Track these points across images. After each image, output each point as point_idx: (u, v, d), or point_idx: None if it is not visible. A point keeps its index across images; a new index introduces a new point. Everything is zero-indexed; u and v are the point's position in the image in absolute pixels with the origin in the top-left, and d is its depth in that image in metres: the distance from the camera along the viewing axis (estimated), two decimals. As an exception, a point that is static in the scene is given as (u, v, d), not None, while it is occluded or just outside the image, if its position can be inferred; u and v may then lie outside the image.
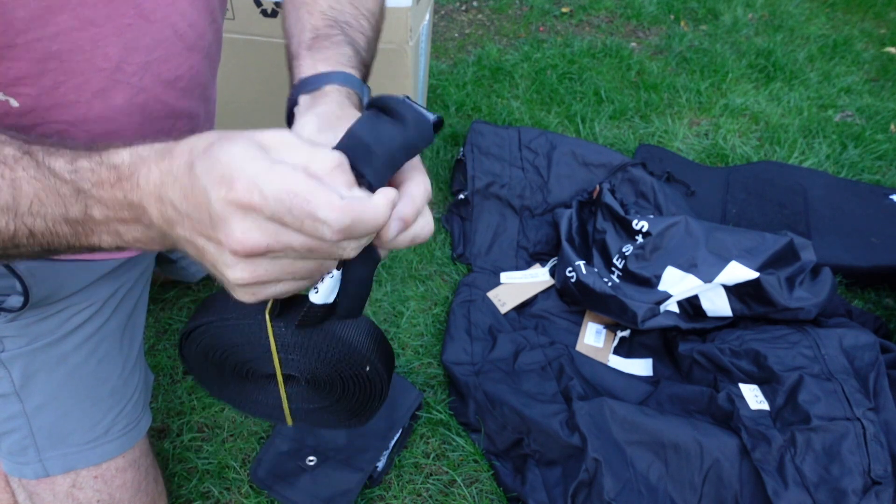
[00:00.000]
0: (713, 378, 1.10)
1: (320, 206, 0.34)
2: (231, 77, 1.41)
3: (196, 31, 0.65)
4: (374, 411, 0.59)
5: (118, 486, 0.81)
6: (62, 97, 0.56)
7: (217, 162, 0.35)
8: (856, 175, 1.67)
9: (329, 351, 0.51)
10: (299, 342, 0.51)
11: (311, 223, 0.35)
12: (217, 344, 0.54)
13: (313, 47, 0.61)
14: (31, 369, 0.74)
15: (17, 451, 0.77)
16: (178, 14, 0.62)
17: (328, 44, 0.61)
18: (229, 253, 0.36)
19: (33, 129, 0.57)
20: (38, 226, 0.43)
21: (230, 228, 0.35)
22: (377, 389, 0.55)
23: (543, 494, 0.99)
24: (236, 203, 0.34)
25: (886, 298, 1.36)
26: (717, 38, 2.23)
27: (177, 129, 0.68)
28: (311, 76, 0.57)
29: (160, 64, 0.62)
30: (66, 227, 0.43)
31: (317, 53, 0.60)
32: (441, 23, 2.30)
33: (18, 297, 0.68)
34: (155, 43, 0.60)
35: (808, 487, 0.90)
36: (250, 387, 0.60)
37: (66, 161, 0.42)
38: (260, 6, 1.30)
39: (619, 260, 1.26)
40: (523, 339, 1.21)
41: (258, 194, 0.34)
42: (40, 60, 0.53)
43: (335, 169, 0.37)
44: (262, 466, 1.02)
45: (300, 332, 0.50)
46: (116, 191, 0.40)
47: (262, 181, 0.34)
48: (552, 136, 1.55)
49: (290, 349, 0.52)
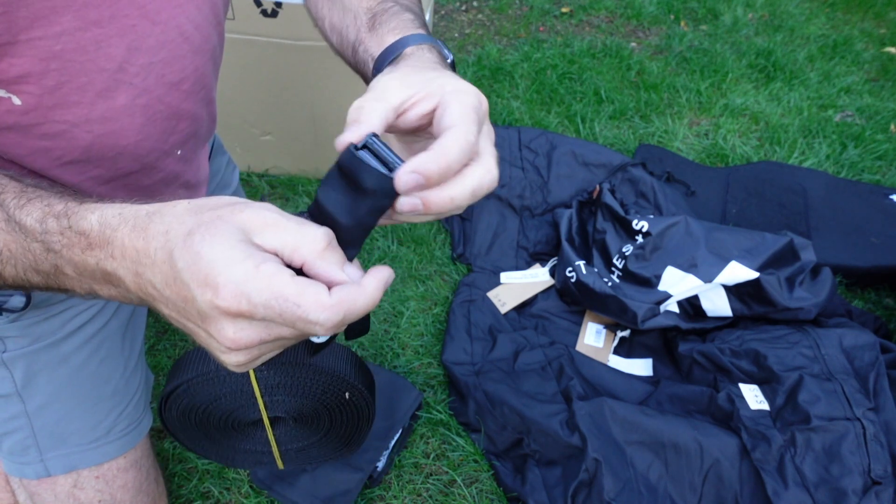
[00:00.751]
0: (713, 378, 1.10)
1: (310, 309, 0.34)
2: (231, 77, 1.41)
3: (202, 33, 0.65)
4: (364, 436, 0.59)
5: (119, 486, 0.81)
6: (65, 97, 0.56)
7: (199, 260, 0.34)
8: (856, 175, 1.67)
9: (312, 383, 0.52)
10: (282, 381, 0.51)
11: (303, 324, 0.34)
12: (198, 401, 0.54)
13: (375, 26, 0.59)
14: (32, 370, 0.74)
15: (19, 451, 0.77)
16: (184, 16, 0.61)
17: (387, 17, 0.59)
18: (223, 345, 0.36)
19: (35, 127, 0.57)
20: (9, 272, 0.43)
21: (221, 328, 0.35)
22: (363, 413, 0.55)
23: (543, 494, 0.99)
24: (224, 310, 0.34)
25: (886, 298, 1.36)
26: (717, 38, 2.23)
27: (178, 131, 0.68)
28: (384, 50, 0.56)
29: (164, 66, 0.61)
30: (37, 277, 0.43)
31: (381, 28, 0.58)
32: (441, 23, 2.30)
33: (20, 298, 0.68)
34: (159, 45, 0.60)
35: (808, 487, 0.90)
36: (237, 437, 0.60)
37: (36, 220, 0.41)
38: (260, 6, 1.30)
39: (619, 260, 1.26)
40: (523, 339, 1.21)
41: (246, 302, 0.33)
42: (43, 59, 0.53)
43: (325, 250, 0.36)
44: (263, 467, 1.02)
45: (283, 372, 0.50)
46: (88, 257, 0.40)
47: (249, 289, 0.33)
48: (552, 136, 1.55)
49: (274, 390, 0.52)
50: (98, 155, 0.62)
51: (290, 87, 1.41)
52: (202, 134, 0.75)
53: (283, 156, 1.57)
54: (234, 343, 0.35)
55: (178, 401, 0.53)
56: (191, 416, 0.55)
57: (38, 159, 0.59)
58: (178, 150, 0.70)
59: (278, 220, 0.36)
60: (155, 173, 0.69)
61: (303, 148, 1.54)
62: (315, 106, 1.44)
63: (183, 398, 0.53)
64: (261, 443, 0.60)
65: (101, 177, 0.64)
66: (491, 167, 0.39)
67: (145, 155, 0.66)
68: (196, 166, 0.78)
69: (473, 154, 0.39)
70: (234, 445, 0.61)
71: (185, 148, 0.71)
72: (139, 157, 0.65)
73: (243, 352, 0.37)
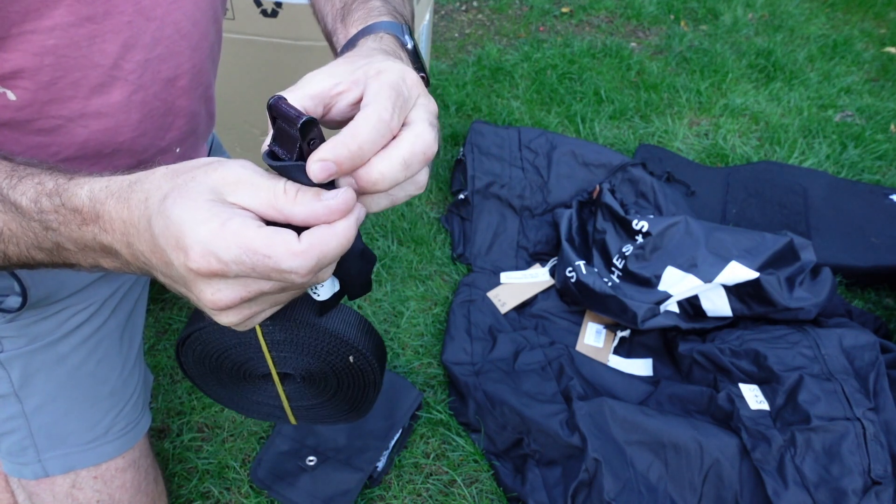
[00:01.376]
0: (713, 378, 1.10)
1: (281, 258, 0.33)
2: (231, 77, 1.41)
3: (199, 29, 0.65)
4: (371, 402, 0.59)
5: (118, 486, 0.81)
6: (60, 92, 0.56)
7: (170, 223, 0.34)
8: (856, 175, 1.67)
9: (317, 344, 0.51)
10: (288, 338, 0.51)
11: (278, 274, 0.34)
12: (211, 349, 0.54)
13: (345, 17, 0.59)
14: (30, 370, 0.74)
15: (17, 451, 0.77)
16: (181, 12, 0.61)
17: (356, 5, 0.59)
18: (206, 307, 0.36)
19: (31, 123, 0.57)
20: (12, 251, 0.43)
21: (200, 291, 0.35)
22: (370, 379, 0.55)
23: (543, 494, 0.99)
24: (196, 272, 0.33)
25: (886, 298, 1.36)
26: (717, 38, 2.23)
27: (176, 127, 0.68)
28: (346, 43, 0.55)
29: (160, 62, 0.61)
30: (41, 254, 0.43)
31: (348, 18, 0.58)
32: (441, 23, 2.30)
33: (17, 298, 0.68)
34: (155, 41, 0.60)
35: (808, 487, 0.90)
36: (249, 389, 0.60)
37: (30, 200, 0.41)
38: (260, 6, 1.30)
39: (619, 260, 1.26)
40: (523, 339, 1.20)
41: (216, 261, 0.33)
42: (37, 54, 0.52)
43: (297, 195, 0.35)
44: (262, 466, 1.02)
45: (288, 329, 0.50)
46: (85, 232, 0.40)
47: (216, 246, 0.32)
48: (552, 136, 1.55)
49: (280, 346, 0.52)
50: (94, 151, 0.62)
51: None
52: (200, 131, 0.75)
53: (282, 156, 1.56)
54: (214, 304, 0.35)
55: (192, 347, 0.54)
56: (205, 363, 0.56)
57: (35, 155, 0.59)
58: (176, 147, 0.70)
59: (251, 177, 0.35)
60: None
61: (302, 148, 1.53)
62: (315, 106, 1.44)
63: (196, 345, 0.54)
64: (272, 397, 0.60)
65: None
66: (420, 132, 0.37)
67: (142, 151, 0.65)
68: None
69: (393, 130, 0.37)
70: (247, 396, 0.61)
71: (183, 145, 0.71)
72: (136, 154, 0.65)
73: (232, 311, 0.36)
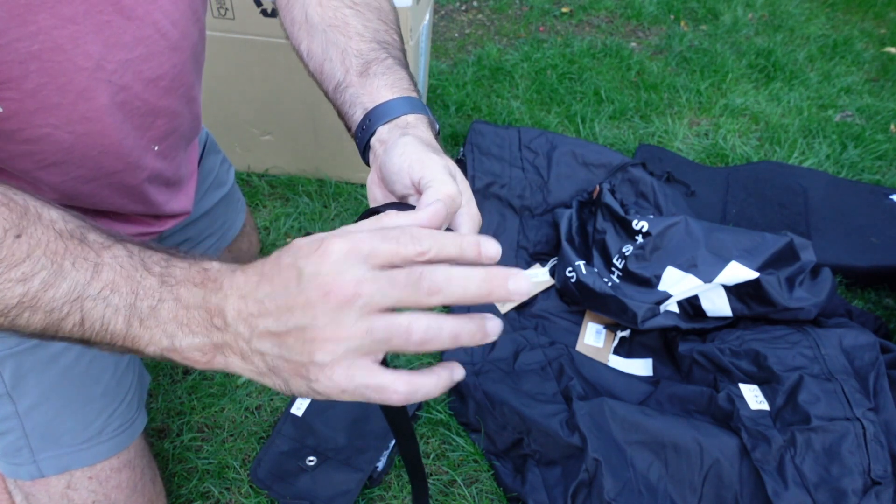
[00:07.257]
0: (713, 378, 1.09)
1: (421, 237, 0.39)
2: (231, 77, 1.41)
3: (179, 30, 0.64)
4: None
5: (113, 486, 0.81)
6: (46, 99, 0.55)
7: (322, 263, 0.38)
8: (856, 175, 1.67)
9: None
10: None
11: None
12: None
13: (367, 73, 0.58)
14: (21, 370, 0.73)
15: (12, 452, 0.77)
16: (160, 12, 0.61)
17: (382, 68, 0.59)
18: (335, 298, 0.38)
19: (18, 133, 0.56)
20: (94, 313, 0.41)
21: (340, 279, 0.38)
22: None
23: (543, 494, 0.99)
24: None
25: (886, 298, 1.36)
26: (717, 38, 2.23)
27: (155, 127, 0.68)
28: (380, 106, 0.56)
29: (141, 62, 0.61)
30: (120, 321, 0.41)
31: (375, 80, 0.58)
32: (441, 23, 2.30)
33: None
34: (135, 41, 0.59)
35: (808, 487, 0.90)
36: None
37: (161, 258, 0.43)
38: (260, 6, 1.30)
39: (619, 260, 1.26)
40: (523, 339, 1.20)
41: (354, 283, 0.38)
42: (22, 62, 0.52)
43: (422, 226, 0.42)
44: (262, 466, 1.02)
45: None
46: (198, 290, 0.41)
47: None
48: (552, 136, 1.55)
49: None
50: (80, 155, 0.61)
51: (291, 88, 1.41)
52: (183, 132, 0.75)
53: (283, 156, 1.56)
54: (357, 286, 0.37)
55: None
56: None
57: (21, 162, 0.59)
58: (154, 145, 0.70)
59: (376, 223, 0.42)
60: (140, 172, 0.69)
61: (303, 148, 1.53)
62: (315, 106, 1.44)
63: None
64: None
65: (84, 176, 0.64)
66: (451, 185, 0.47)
67: (128, 153, 0.65)
68: (177, 164, 0.78)
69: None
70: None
71: (162, 144, 0.71)
72: (122, 156, 0.65)
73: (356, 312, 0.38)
